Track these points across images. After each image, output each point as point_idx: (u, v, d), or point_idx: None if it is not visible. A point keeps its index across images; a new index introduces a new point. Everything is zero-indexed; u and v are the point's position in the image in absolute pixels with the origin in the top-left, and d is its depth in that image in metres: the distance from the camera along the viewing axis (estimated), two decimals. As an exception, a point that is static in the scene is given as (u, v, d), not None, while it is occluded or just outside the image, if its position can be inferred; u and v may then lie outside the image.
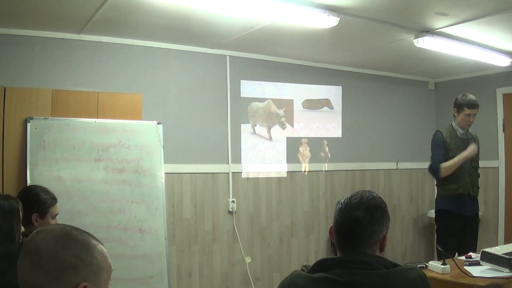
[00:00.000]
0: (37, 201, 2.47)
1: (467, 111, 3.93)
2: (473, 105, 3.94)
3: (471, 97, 3.97)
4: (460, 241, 4.01)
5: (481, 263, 2.69)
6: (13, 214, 2.11)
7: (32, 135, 3.29)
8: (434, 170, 4.02)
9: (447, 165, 3.93)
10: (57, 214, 2.52)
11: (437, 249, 3.95)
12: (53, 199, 2.54)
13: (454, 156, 3.93)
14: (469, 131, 4.11)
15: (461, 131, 4.03)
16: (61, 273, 1.09)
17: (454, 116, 4.03)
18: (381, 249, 1.60)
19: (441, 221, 4.09)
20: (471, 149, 3.92)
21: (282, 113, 4.70)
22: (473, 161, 4.04)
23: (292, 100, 4.77)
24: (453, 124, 4.07)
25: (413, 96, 5.68)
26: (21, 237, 2.15)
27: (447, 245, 3.51)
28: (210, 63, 4.34)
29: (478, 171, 4.18)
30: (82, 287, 1.10)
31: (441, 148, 4.00)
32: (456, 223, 3.95)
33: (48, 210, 2.47)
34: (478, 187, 4.10)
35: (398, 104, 5.55)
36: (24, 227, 2.32)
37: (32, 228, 2.29)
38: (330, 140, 5.01)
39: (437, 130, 4.16)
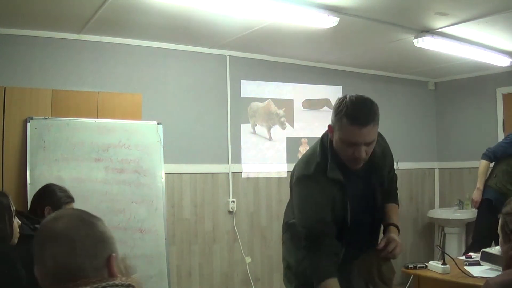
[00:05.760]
0: (52, 196, 2.54)
1: None
2: None
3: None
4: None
5: (481, 263, 2.69)
6: (3, 211, 2.05)
7: (32, 135, 3.30)
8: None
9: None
10: None
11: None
12: (69, 197, 2.61)
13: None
14: None
15: None
16: (94, 248, 1.14)
17: None
18: None
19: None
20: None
21: (282, 113, 4.70)
22: None
23: (292, 100, 4.77)
24: None
25: (413, 96, 5.67)
26: (18, 234, 2.11)
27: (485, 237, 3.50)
28: (210, 63, 4.33)
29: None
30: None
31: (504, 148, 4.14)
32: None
33: (62, 206, 2.51)
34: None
35: (398, 104, 5.54)
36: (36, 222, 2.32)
37: None
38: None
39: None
